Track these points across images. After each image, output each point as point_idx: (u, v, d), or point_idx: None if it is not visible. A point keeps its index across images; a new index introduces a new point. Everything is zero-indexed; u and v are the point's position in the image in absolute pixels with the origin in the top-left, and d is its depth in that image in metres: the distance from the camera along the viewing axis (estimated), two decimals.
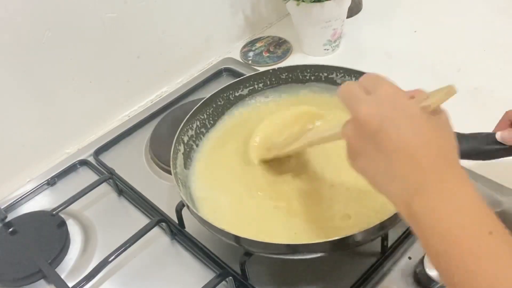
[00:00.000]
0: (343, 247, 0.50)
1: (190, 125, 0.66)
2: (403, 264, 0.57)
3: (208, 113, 0.69)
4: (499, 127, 0.55)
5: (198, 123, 0.67)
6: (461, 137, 0.53)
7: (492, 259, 0.32)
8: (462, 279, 0.32)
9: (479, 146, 0.54)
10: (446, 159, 0.36)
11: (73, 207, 0.69)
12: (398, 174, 0.37)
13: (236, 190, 0.61)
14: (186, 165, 0.64)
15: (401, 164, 0.36)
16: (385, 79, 0.40)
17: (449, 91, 0.37)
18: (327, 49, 0.93)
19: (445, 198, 0.35)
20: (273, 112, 0.68)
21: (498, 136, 0.53)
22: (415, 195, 0.36)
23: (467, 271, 0.32)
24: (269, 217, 0.57)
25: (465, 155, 0.53)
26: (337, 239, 0.47)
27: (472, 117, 0.63)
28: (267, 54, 0.97)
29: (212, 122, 0.69)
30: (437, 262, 0.35)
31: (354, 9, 1.02)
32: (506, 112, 0.56)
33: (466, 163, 0.60)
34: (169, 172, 0.71)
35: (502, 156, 0.54)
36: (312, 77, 0.71)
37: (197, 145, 0.67)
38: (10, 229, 0.68)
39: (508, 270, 0.31)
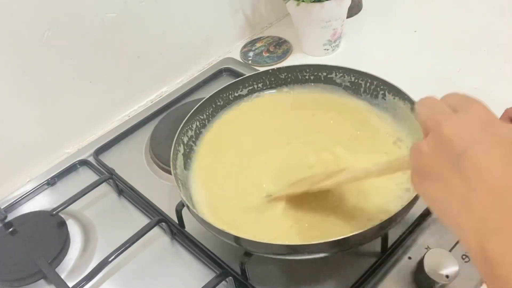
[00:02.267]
0: (343, 247, 0.50)
1: (190, 126, 0.66)
2: (403, 264, 0.57)
3: (207, 113, 0.69)
4: None
5: (197, 123, 0.67)
6: None
7: None
8: None
9: None
10: None
11: (73, 207, 0.69)
12: (476, 206, 0.32)
13: (236, 190, 0.61)
14: (186, 165, 0.64)
15: (482, 195, 0.31)
16: (476, 99, 0.35)
17: None
18: (327, 49, 0.93)
19: None
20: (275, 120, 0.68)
21: None
22: (492, 237, 0.31)
23: None
24: (270, 218, 0.57)
25: None
26: (337, 239, 0.47)
27: None
28: (267, 54, 0.97)
29: (211, 122, 0.69)
30: None
31: (354, 9, 1.02)
32: (506, 110, 0.56)
33: None
34: (169, 172, 0.71)
35: None
36: (312, 77, 0.71)
37: (197, 146, 0.67)
38: (10, 229, 0.68)
39: None
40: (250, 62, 0.96)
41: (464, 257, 0.56)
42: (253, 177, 0.62)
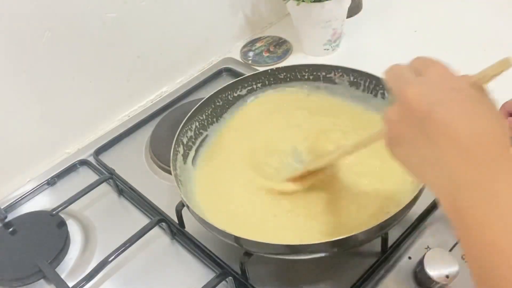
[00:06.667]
0: (343, 247, 0.50)
1: (189, 126, 0.66)
2: (403, 264, 0.57)
3: (207, 113, 0.69)
4: None
5: (197, 124, 0.67)
6: None
7: None
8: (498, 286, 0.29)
9: None
10: (500, 150, 0.32)
11: (73, 207, 0.69)
12: (446, 165, 0.33)
13: (236, 190, 0.61)
14: (186, 166, 0.64)
15: (450, 153, 0.33)
16: (438, 61, 0.37)
17: (503, 63, 0.35)
18: (327, 49, 0.93)
19: (495, 202, 0.31)
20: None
21: None
22: (463, 191, 0.32)
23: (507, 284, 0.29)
24: (269, 217, 0.57)
25: None
26: (337, 239, 0.47)
27: None
28: (267, 54, 0.97)
29: (211, 122, 0.69)
30: (475, 267, 0.31)
31: (354, 9, 1.02)
32: (503, 104, 0.56)
33: None
34: (169, 172, 0.71)
35: None
36: (311, 77, 0.71)
37: (196, 146, 0.67)
38: (10, 229, 0.68)
39: None
40: (250, 62, 0.96)
41: (464, 257, 0.56)
42: (253, 176, 0.62)
